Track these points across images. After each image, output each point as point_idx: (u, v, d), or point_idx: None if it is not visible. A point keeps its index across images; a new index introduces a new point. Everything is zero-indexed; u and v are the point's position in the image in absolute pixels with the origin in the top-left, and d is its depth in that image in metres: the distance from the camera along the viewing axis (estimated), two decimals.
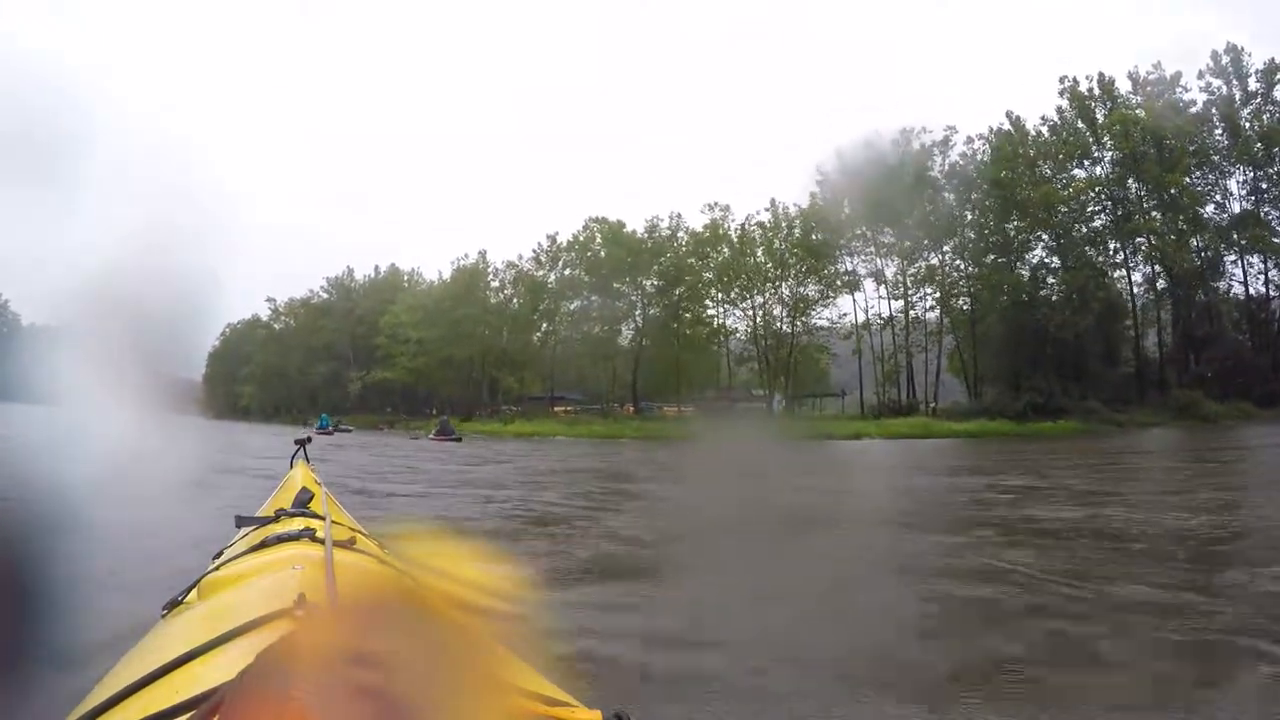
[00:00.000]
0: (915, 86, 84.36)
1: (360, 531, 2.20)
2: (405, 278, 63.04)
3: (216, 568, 1.78)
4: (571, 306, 54.10)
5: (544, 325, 55.41)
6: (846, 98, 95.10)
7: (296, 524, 1.97)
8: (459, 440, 32.29)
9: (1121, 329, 41.43)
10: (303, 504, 2.32)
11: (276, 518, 2.15)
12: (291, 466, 3.50)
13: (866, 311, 45.68)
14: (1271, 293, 37.79)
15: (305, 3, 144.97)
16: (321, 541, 1.62)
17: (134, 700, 1.01)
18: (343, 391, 58.40)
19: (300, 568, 1.43)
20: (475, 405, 56.70)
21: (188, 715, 0.86)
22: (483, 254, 57.24)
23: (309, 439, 4.00)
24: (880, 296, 45.23)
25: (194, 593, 1.66)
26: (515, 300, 56.57)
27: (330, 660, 0.60)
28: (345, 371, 59.30)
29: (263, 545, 1.78)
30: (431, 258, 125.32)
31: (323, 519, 1.89)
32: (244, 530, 2.25)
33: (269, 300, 61.69)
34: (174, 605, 1.68)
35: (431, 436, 34.02)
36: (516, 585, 0.79)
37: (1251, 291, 38.60)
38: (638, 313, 51.59)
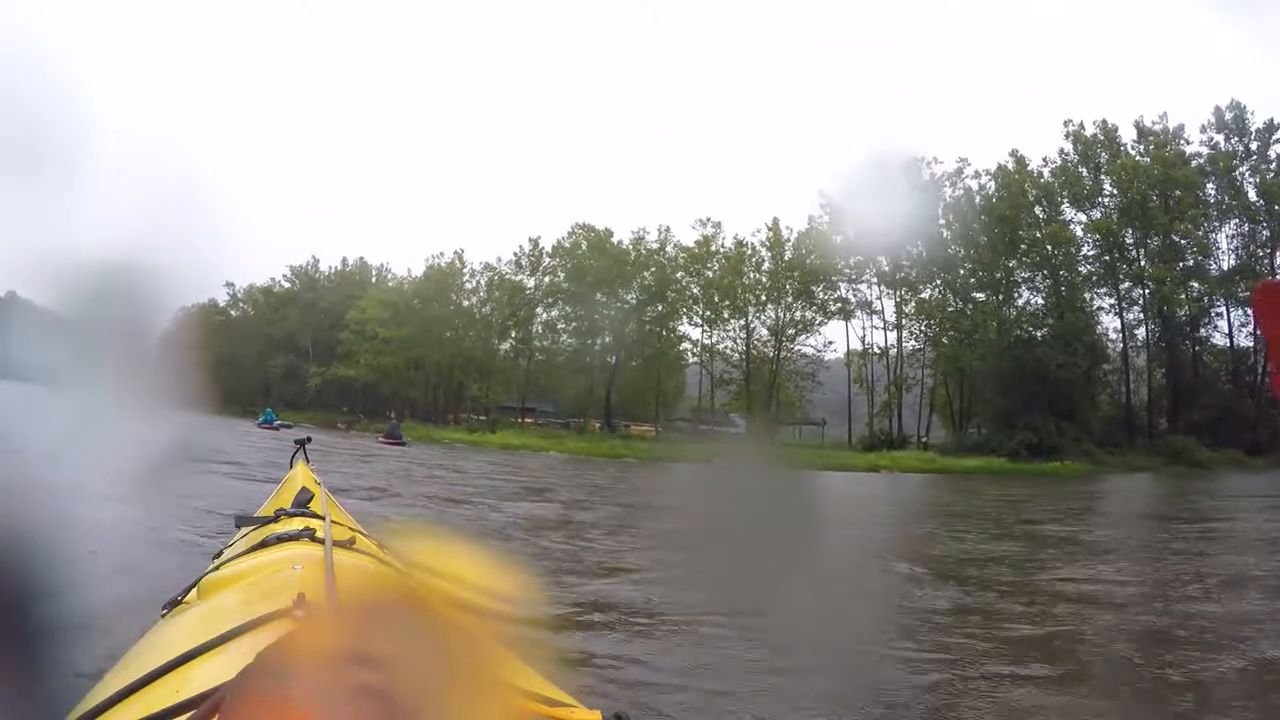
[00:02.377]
0: (928, 121, 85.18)
1: (360, 532, 2.19)
2: (374, 272, 60.38)
3: (216, 568, 1.76)
4: (551, 314, 52.53)
5: (515, 333, 53.56)
6: (863, 126, 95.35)
7: (296, 524, 1.95)
8: (405, 444, 31.41)
9: (1102, 373, 42.09)
10: (302, 504, 2.30)
11: (276, 518, 2.13)
12: (291, 466, 3.45)
13: (863, 340, 45.31)
14: (1256, 345, 38.65)
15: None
16: (321, 541, 1.63)
17: (134, 700, 1.01)
18: (299, 387, 55.31)
19: (300, 568, 1.43)
20: (442, 411, 54.61)
21: (188, 715, 0.87)
22: (459, 253, 55.16)
23: (309, 439, 3.92)
24: (875, 326, 44.90)
25: (194, 592, 1.63)
26: (488, 306, 54.62)
27: (330, 660, 0.60)
28: (304, 366, 56.23)
29: (263, 545, 1.75)
30: (403, 256, 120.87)
31: (323, 519, 1.92)
32: (244, 530, 2.25)
33: (228, 285, 57.99)
34: (174, 605, 1.66)
35: (380, 440, 32.76)
36: (517, 586, 0.80)
37: (1234, 344, 39.64)
38: (617, 326, 50.20)
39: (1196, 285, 38.51)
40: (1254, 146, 37.61)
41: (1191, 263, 38.74)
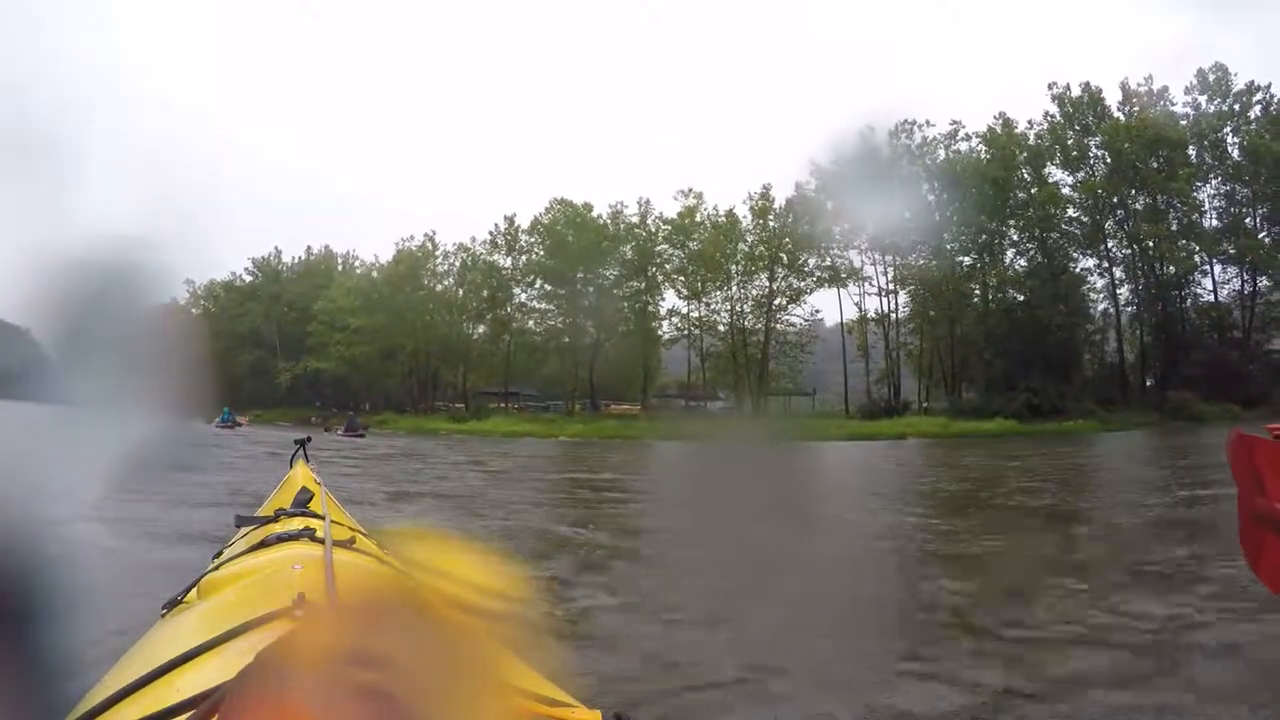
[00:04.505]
0: (913, 83, 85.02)
1: (360, 531, 2.21)
2: (340, 260, 58.06)
3: (216, 567, 1.76)
4: (530, 294, 51.26)
5: (494, 313, 52.03)
6: (849, 92, 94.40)
7: (296, 524, 1.94)
8: (363, 435, 31.42)
9: (1085, 332, 42.80)
10: (302, 504, 2.30)
11: (276, 517, 2.12)
12: (291, 466, 3.42)
13: (859, 306, 45.14)
14: (1241, 301, 39.81)
15: None
16: (321, 541, 1.64)
17: (134, 700, 1.02)
18: (269, 383, 53.00)
19: (300, 567, 1.42)
20: (415, 400, 53.08)
21: (187, 715, 0.87)
22: (430, 236, 53.26)
23: (309, 439, 3.88)
24: (869, 293, 44.80)
25: (194, 592, 1.64)
26: (462, 289, 52.98)
27: (330, 660, 0.61)
28: (271, 361, 53.88)
29: (262, 545, 1.75)
30: (370, 242, 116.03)
31: (322, 519, 1.91)
32: (244, 530, 2.24)
33: (187, 282, 54.83)
34: (174, 605, 1.67)
35: (340, 433, 32.44)
36: (516, 586, 0.81)
37: (1218, 299, 40.67)
38: (598, 303, 49.13)
39: (1185, 244, 39.15)
40: (1236, 108, 38.39)
41: (1177, 223, 39.47)
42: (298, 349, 53.26)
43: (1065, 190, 41.27)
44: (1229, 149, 38.87)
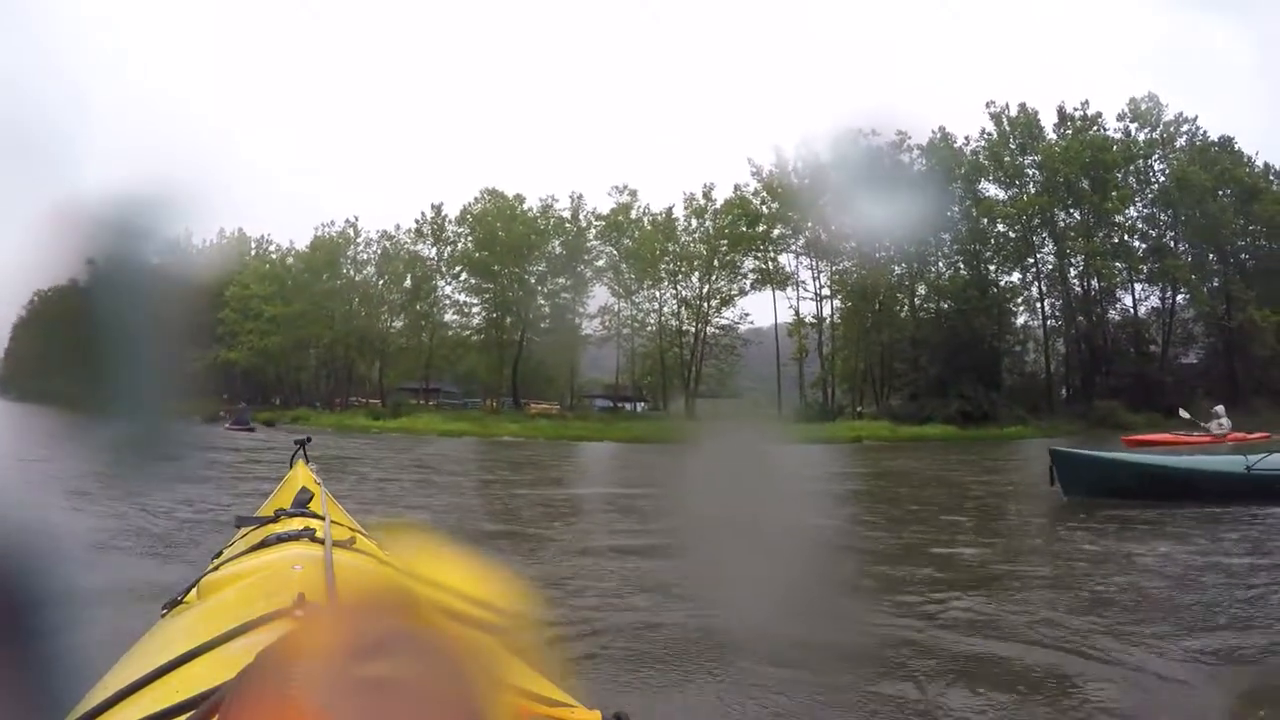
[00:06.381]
0: (861, 92, 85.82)
1: (360, 531, 2.19)
2: (254, 244, 54.72)
3: (216, 568, 1.76)
4: (454, 286, 49.42)
5: (417, 306, 49.94)
6: (794, 104, 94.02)
7: (296, 524, 1.94)
8: (252, 429, 30.81)
9: (1007, 344, 43.80)
10: (302, 504, 2.28)
11: (276, 518, 2.10)
12: (291, 466, 3.36)
13: (796, 312, 44.81)
14: (1160, 317, 41.42)
15: None
16: (321, 541, 1.64)
17: (134, 700, 1.01)
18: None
19: (300, 568, 1.43)
20: (328, 396, 50.53)
21: (187, 715, 0.87)
22: (352, 222, 50.88)
23: (309, 439, 3.81)
24: (805, 297, 44.62)
25: (194, 592, 1.63)
26: (383, 278, 50.74)
27: (330, 660, 0.60)
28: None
29: (262, 545, 1.75)
30: (286, 227, 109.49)
31: (322, 519, 1.91)
32: (244, 530, 2.24)
33: (89, 263, 50.63)
34: (174, 605, 1.67)
35: (227, 426, 31.22)
36: (515, 585, 0.82)
37: (1137, 315, 42.22)
38: (525, 299, 47.69)
39: (1110, 261, 40.48)
40: (1164, 136, 40.30)
41: (1103, 242, 40.79)
42: (206, 337, 49.90)
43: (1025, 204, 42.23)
44: (1155, 175, 40.63)
